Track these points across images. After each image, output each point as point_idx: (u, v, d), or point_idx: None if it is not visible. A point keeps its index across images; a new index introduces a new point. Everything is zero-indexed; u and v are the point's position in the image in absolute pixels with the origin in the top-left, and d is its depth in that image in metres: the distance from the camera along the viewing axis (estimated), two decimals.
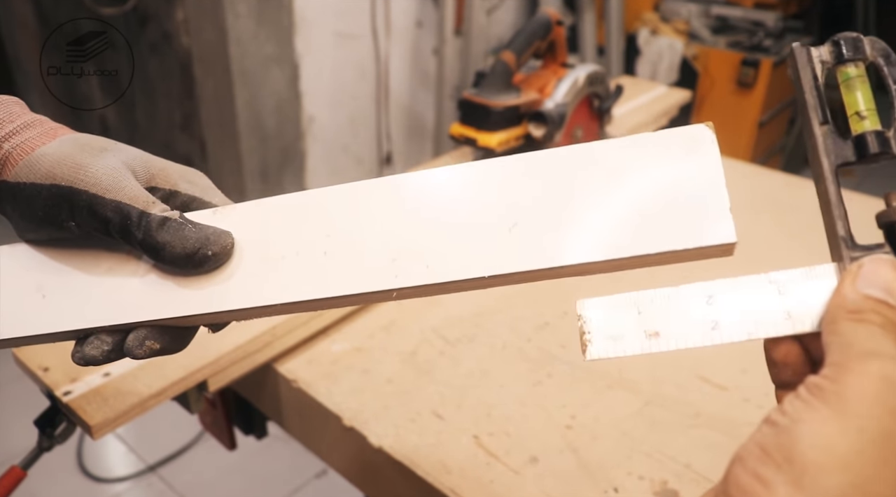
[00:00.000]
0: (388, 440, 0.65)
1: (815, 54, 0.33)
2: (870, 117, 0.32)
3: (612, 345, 0.33)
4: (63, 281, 0.41)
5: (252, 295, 0.38)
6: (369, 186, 0.39)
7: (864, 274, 0.29)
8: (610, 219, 0.34)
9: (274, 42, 1.89)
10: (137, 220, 0.38)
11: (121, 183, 0.38)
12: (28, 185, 0.39)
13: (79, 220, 0.39)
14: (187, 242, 0.38)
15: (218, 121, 1.94)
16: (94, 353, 0.39)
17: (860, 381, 0.25)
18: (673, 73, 2.47)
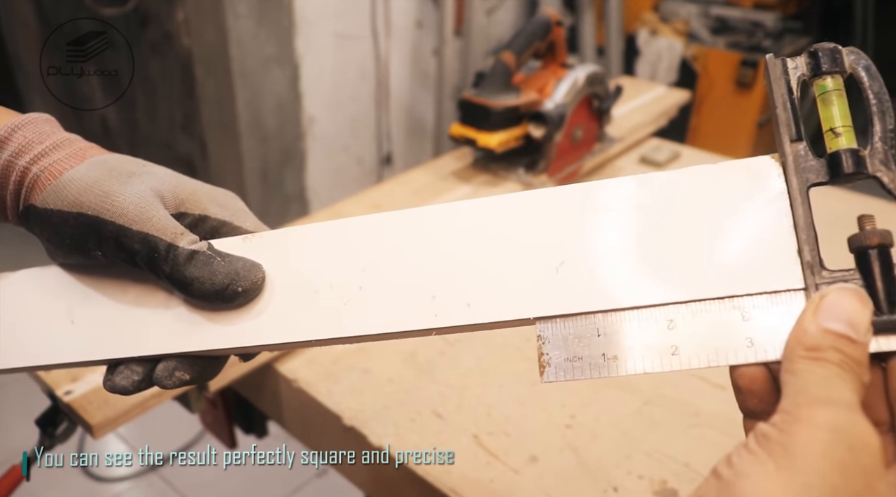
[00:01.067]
0: (388, 439, 0.65)
1: (791, 65, 0.31)
2: (845, 134, 0.30)
3: (570, 367, 0.32)
4: (92, 307, 0.41)
5: (285, 331, 0.37)
6: (402, 217, 0.37)
7: (827, 306, 0.28)
8: (665, 259, 0.32)
9: (274, 42, 1.89)
10: (165, 254, 0.37)
11: (148, 213, 0.37)
12: (55, 213, 0.38)
13: (105, 250, 0.38)
14: (216, 278, 0.36)
15: (218, 121, 1.95)
16: (124, 384, 0.39)
17: (808, 433, 0.24)
18: (672, 73, 2.47)
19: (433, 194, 1.00)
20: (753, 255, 0.31)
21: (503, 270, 0.34)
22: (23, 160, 0.39)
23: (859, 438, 0.24)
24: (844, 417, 0.24)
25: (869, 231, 0.30)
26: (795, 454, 0.24)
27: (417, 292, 0.35)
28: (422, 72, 2.39)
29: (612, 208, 0.34)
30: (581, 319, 0.32)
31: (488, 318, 0.34)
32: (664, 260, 0.32)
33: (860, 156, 0.30)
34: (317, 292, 0.37)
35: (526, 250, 0.34)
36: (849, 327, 0.27)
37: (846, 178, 0.30)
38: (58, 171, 0.38)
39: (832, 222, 0.40)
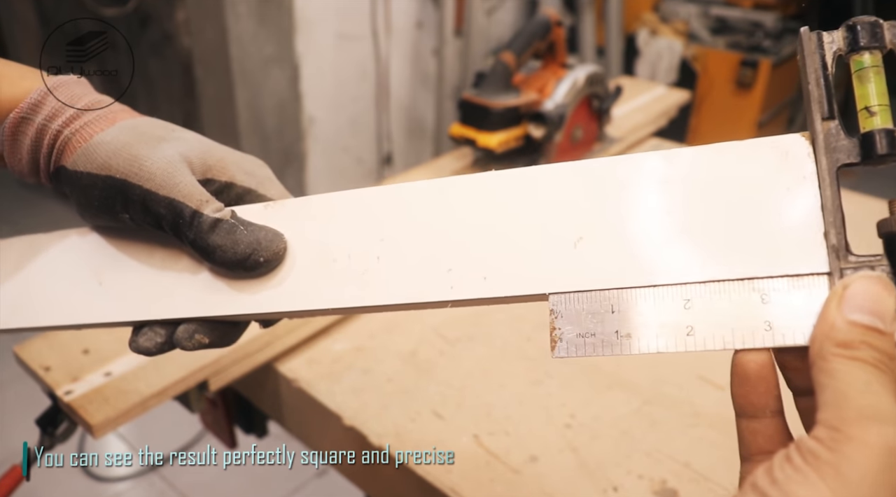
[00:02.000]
0: (388, 439, 0.65)
1: (828, 39, 0.29)
2: (881, 114, 0.28)
3: (583, 343, 0.31)
4: (119, 270, 0.42)
5: (305, 298, 0.37)
6: (422, 188, 0.37)
7: (851, 296, 0.27)
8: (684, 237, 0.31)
9: (274, 43, 1.89)
10: (189, 220, 0.37)
11: (175, 178, 0.38)
12: (85, 175, 0.39)
13: (132, 213, 0.39)
14: (238, 247, 0.37)
15: (219, 121, 1.95)
16: (147, 345, 0.40)
17: (861, 454, 0.23)
18: (672, 73, 2.47)
19: None
20: (776, 236, 0.30)
21: (520, 244, 0.34)
22: (56, 123, 0.40)
23: None
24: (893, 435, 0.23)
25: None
26: (848, 477, 0.23)
27: (434, 264, 0.35)
28: (422, 72, 2.39)
29: (634, 184, 0.33)
30: (596, 295, 0.31)
31: (504, 291, 0.33)
32: (683, 238, 0.31)
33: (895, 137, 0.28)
34: (335, 261, 0.37)
35: (544, 224, 0.34)
36: (876, 318, 0.26)
37: (879, 159, 0.28)
38: (88, 134, 0.39)
39: None
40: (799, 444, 0.24)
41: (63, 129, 0.40)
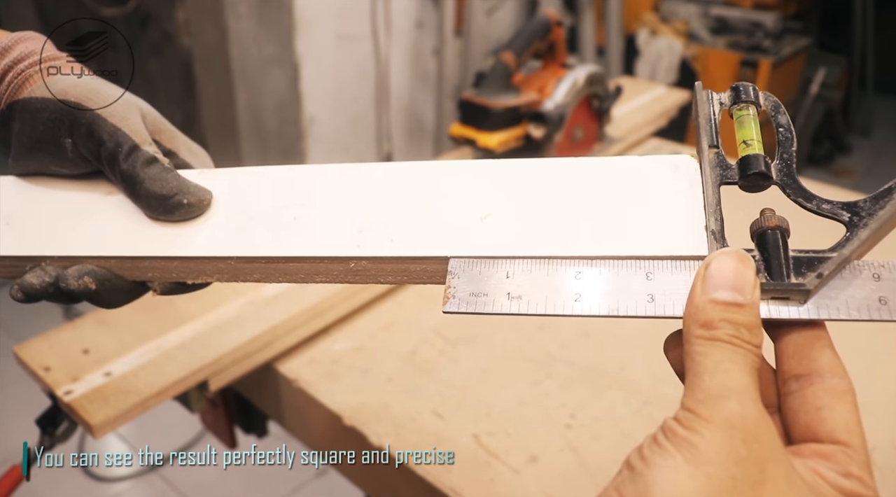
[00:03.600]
0: (388, 439, 0.65)
1: (716, 97, 0.37)
2: (755, 145, 0.34)
3: (474, 301, 0.33)
4: (31, 212, 0.42)
5: (213, 246, 0.38)
6: (356, 169, 0.40)
7: (712, 275, 0.29)
8: (584, 221, 0.35)
9: (274, 43, 1.89)
10: (128, 151, 0.39)
11: (126, 114, 0.40)
12: (39, 100, 0.40)
13: (76, 137, 0.40)
14: (167, 184, 0.38)
15: (219, 121, 1.95)
16: (33, 282, 0.38)
17: (709, 429, 0.26)
18: (672, 73, 2.47)
19: None
20: (664, 225, 0.34)
21: (431, 216, 0.37)
22: (22, 64, 0.41)
23: (751, 431, 0.26)
24: (737, 411, 0.27)
25: (768, 216, 0.32)
26: (699, 448, 0.26)
27: (346, 226, 0.37)
28: (422, 72, 2.39)
29: (549, 179, 0.37)
30: (494, 261, 0.34)
31: (406, 252, 0.36)
32: (583, 223, 0.35)
33: (766, 161, 0.34)
34: (252, 219, 0.39)
35: (458, 203, 0.37)
36: (735, 292, 0.29)
37: (753, 177, 0.33)
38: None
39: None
40: (663, 426, 0.28)
41: (28, 69, 0.41)
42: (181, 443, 1.76)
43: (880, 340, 0.80)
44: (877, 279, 0.31)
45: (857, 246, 0.32)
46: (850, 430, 0.28)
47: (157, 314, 0.74)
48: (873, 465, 0.67)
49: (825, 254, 0.31)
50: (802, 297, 0.30)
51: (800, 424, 0.29)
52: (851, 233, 0.32)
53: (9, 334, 2.06)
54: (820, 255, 0.31)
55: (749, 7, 2.63)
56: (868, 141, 3.58)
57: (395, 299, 0.84)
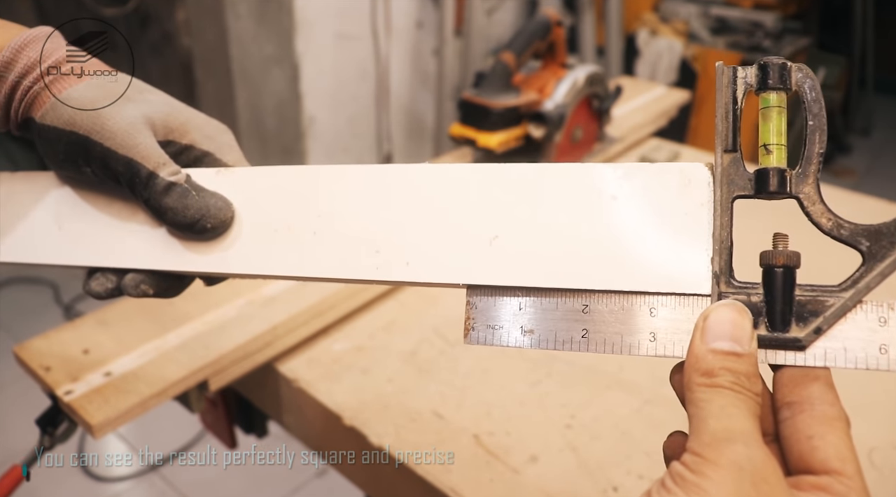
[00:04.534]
0: (388, 439, 0.65)
1: (741, 75, 0.32)
2: (776, 152, 0.32)
3: (491, 333, 0.35)
4: (79, 217, 0.44)
5: (247, 263, 0.41)
6: (361, 172, 0.40)
7: (710, 326, 0.30)
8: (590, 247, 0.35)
9: (274, 43, 1.89)
10: (145, 180, 0.40)
11: (135, 139, 0.40)
12: (51, 128, 0.41)
13: (93, 168, 0.41)
14: (189, 212, 0.40)
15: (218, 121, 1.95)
16: (98, 289, 0.42)
17: (717, 473, 0.27)
18: (672, 73, 2.47)
19: None
20: (671, 256, 0.33)
21: (443, 236, 0.37)
22: (28, 79, 0.42)
23: (759, 473, 0.27)
24: (744, 453, 0.27)
25: (778, 251, 0.31)
26: (708, 492, 0.26)
27: (365, 245, 0.38)
28: (422, 72, 2.39)
29: (550, 193, 0.36)
30: (507, 293, 0.35)
31: (423, 278, 0.37)
32: (588, 248, 0.35)
33: (785, 176, 0.31)
34: (276, 231, 0.40)
35: (467, 220, 0.37)
36: (733, 343, 0.29)
37: (769, 194, 0.32)
38: (57, 89, 0.41)
39: None
40: (671, 471, 0.28)
41: (34, 85, 0.42)
42: (181, 443, 1.76)
43: None
44: (882, 324, 0.30)
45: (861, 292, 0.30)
46: (842, 457, 0.28)
47: (157, 314, 0.74)
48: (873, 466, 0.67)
49: (833, 293, 0.31)
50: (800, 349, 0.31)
51: (793, 454, 0.30)
52: (863, 269, 0.31)
53: (9, 334, 2.06)
54: (827, 295, 0.31)
55: (749, 7, 2.63)
56: (868, 141, 3.58)
57: (396, 299, 0.84)
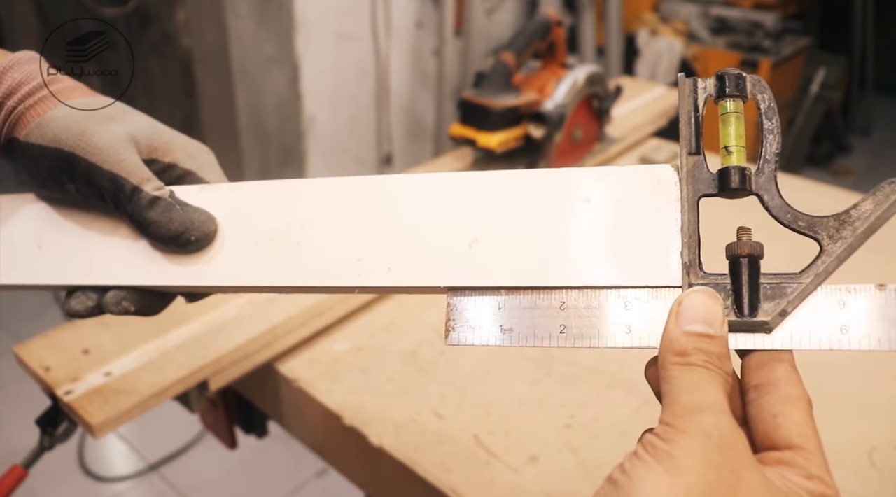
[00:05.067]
0: (388, 439, 0.65)
1: (701, 86, 0.34)
2: (736, 153, 0.34)
3: (472, 333, 0.36)
4: (59, 235, 0.44)
5: (229, 276, 0.41)
6: (342, 184, 0.41)
7: (684, 310, 0.31)
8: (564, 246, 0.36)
9: (274, 43, 1.89)
10: (129, 195, 0.40)
11: (120, 155, 0.41)
12: (36, 146, 0.41)
13: (77, 184, 0.41)
14: (172, 224, 0.40)
15: (218, 121, 1.95)
16: (78, 308, 0.42)
17: (686, 441, 0.28)
18: (672, 73, 2.47)
19: None
20: (642, 251, 0.35)
21: (424, 241, 0.38)
22: (12, 100, 0.42)
23: (726, 440, 0.28)
24: (712, 423, 0.29)
25: (742, 242, 0.33)
26: (678, 459, 0.28)
27: (347, 253, 0.39)
28: (422, 72, 2.39)
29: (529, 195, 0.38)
30: (487, 293, 0.36)
31: (405, 282, 0.38)
32: (564, 247, 0.36)
33: (745, 174, 0.33)
34: (258, 244, 0.41)
35: (447, 225, 0.38)
36: (706, 325, 0.31)
37: (732, 192, 0.34)
38: (42, 110, 0.42)
39: None
40: (643, 440, 0.29)
41: (18, 105, 0.42)
42: (181, 443, 1.76)
43: None
44: (841, 306, 0.32)
45: (821, 276, 0.33)
46: (804, 433, 0.30)
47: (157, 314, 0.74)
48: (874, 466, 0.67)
49: (795, 279, 0.33)
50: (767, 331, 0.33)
51: (759, 432, 0.31)
52: (822, 256, 0.33)
53: (9, 334, 2.06)
54: (790, 281, 0.33)
55: (749, 7, 2.63)
56: (868, 141, 3.58)
57: (395, 299, 0.84)
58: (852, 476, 0.62)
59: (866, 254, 0.36)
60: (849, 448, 0.65)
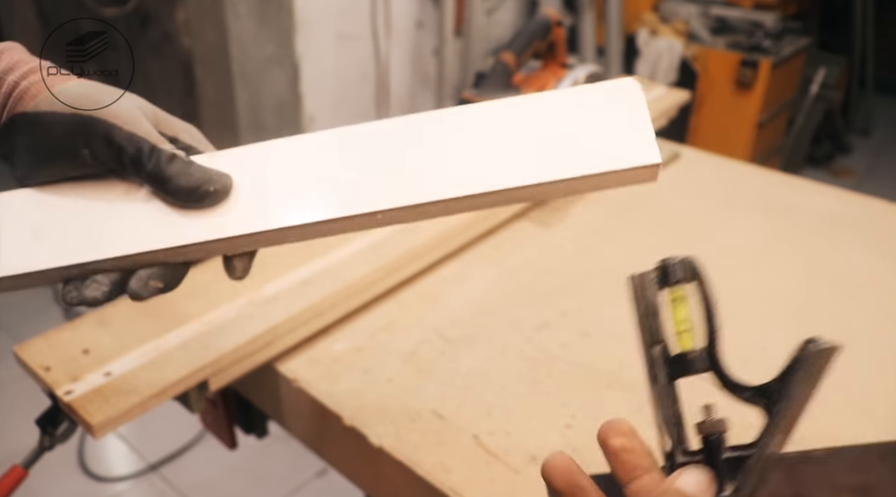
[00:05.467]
0: (388, 439, 0.65)
1: (649, 278, 0.37)
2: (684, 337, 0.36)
3: None
4: (59, 220, 0.43)
5: (247, 223, 0.42)
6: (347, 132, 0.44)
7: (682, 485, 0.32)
8: (541, 149, 0.40)
9: (274, 43, 1.89)
10: (149, 153, 0.41)
11: (137, 118, 0.42)
12: (49, 113, 0.41)
13: (94, 146, 0.42)
14: (193, 177, 0.41)
15: (218, 121, 1.95)
16: (96, 296, 0.42)
17: None
18: (672, 73, 2.47)
19: None
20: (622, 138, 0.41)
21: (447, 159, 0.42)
22: (12, 76, 0.42)
23: None
24: None
25: (707, 424, 0.36)
26: None
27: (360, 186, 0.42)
28: (422, 72, 2.39)
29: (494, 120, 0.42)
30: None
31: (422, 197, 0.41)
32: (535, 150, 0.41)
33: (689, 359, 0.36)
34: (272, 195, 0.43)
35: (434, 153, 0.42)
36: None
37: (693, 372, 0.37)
38: (49, 84, 0.42)
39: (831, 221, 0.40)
40: None
41: (21, 81, 0.42)
42: (181, 443, 1.76)
43: (881, 341, 0.80)
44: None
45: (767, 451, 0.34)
46: None
47: (157, 314, 0.74)
48: None
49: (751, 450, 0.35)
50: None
51: None
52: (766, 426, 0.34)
53: (9, 334, 2.06)
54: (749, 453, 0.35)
55: (749, 7, 2.63)
56: (868, 141, 3.58)
57: (396, 299, 0.84)
58: None
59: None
60: None
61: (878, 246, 0.97)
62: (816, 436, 0.66)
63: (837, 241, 0.98)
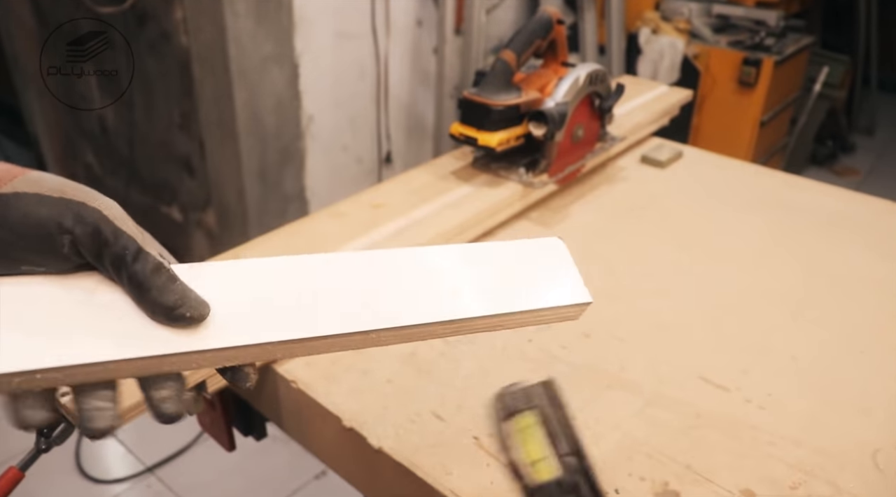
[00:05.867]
0: (387, 441, 0.65)
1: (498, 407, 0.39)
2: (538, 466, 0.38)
3: None
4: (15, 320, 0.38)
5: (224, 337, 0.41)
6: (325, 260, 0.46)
7: None
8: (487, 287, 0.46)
9: (273, 41, 1.88)
10: (135, 254, 0.39)
11: (125, 218, 0.40)
12: (33, 194, 0.38)
13: (78, 233, 0.38)
14: (172, 295, 0.39)
15: (217, 120, 1.94)
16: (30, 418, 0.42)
17: None
18: (674, 72, 2.46)
19: (433, 194, 1.00)
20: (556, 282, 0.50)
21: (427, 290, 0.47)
22: None
23: None
24: None
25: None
26: None
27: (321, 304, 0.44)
28: (422, 71, 2.38)
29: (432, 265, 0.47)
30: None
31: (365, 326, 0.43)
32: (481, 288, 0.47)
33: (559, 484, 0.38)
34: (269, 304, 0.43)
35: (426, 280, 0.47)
36: None
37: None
38: (13, 174, 0.39)
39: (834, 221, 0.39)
40: None
41: None
42: (179, 445, 1.76)
43: (881, 341, 0.79)
44: None
45: None
46: None
47: None
48: (878, 468, 0.66)
49: None
50: None
51: None
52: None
53: None
54: None
55: (752, 5, 2.62)
56: (871, 140, 3.57)
57: None
58: (856, 478, 0.61)
59: None
60: (852, 450, 0.64)
61: (879, 246, 0.97)
62: (816, 435, 0.66)
63: (840, 241, 0.97)
